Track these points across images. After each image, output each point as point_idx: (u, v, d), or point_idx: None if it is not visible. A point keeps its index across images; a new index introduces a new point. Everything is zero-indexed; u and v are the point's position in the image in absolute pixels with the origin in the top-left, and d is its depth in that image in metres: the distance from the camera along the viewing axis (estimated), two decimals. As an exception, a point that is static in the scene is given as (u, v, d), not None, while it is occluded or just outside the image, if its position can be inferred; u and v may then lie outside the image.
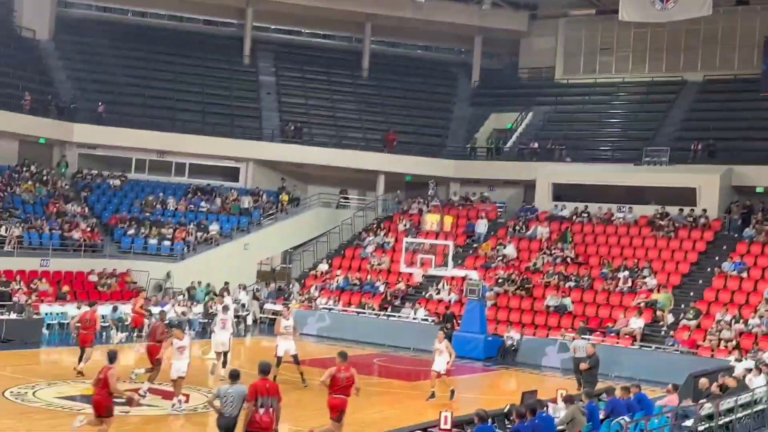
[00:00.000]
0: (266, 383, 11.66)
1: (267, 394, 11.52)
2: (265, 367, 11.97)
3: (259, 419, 11.37)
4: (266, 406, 11.44)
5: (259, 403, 11.40)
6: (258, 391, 11.47)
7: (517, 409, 12.91)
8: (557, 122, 41.51)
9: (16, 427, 14.58)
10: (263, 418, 11.40)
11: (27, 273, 30.05)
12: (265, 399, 11.46)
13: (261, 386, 11.55)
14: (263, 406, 11.40)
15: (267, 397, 11.50)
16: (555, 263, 32.25)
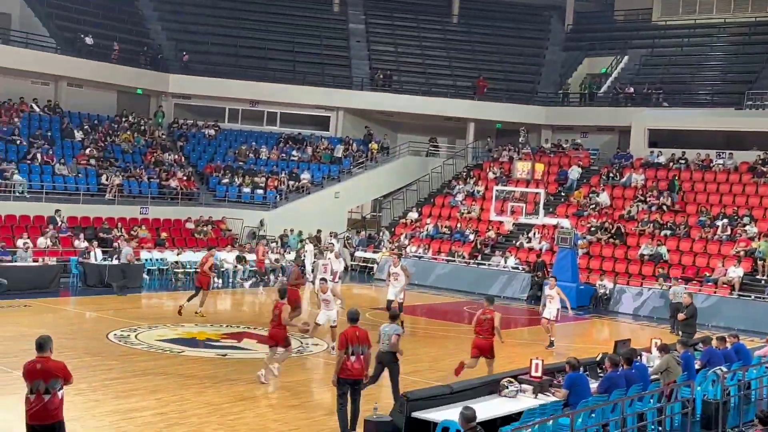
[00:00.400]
0: (356, 331, 11.81)
1: (357, 342, 11.68)
2: (354, 315, 12.11)
3: (350, 366, 11.56)
4: (357, 353, 11.62)
5: (350, 351, 11.57)
6: (349, 340, 11.65)
7: (610, 357, 12.74)
8: (654, 66, 40.16)
9: (120, 368, 15.17)
10: (354, 365, 11.58)
11: (127, 220, 31.07)
12: (356, 347, 11.63)
13: (351, 334, 11.72)
14: (354, 354, 11.56)
15: (357, 344, 11.66)
16: (650, 211, 31.52)
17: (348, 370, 11.59)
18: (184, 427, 11.84)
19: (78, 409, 11.91)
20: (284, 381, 15.24)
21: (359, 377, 11.72)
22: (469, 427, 8.83)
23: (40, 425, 8.68)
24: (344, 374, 11.60)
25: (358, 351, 11.66)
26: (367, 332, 12.05)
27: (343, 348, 11.64)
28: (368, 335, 12.01)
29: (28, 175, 30.02)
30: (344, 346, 11.63)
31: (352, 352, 11.61)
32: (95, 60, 35.45)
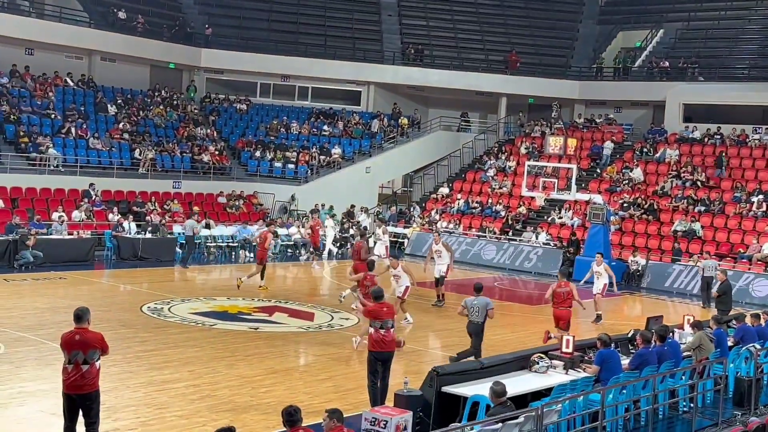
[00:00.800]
0: (383, 307, 12.06)
1: (387, 317, 11.91)
2: (378, 293, 12.35)
3: (381, 338, 11.71)
4: (386, 327, 11.85)
5: (378, 325, 11.74)
6: (377, 315, 11.88)
7: (642, 334, 12.66)
8: (690, 40, 39.54)
9: (154, 340, 15.37)
10: (385, 337, 11.72)
11: (160, 194, 31.31)
12: (385, 321, 11.85)
13: (379, 310, 11.93)
14: (383, 328, 11.73)
15: (387, 319, 11.90)
16: (684, 187, 31.17)
17: (380, 342, 11.69)
18: (216, 399, 11.98)
19: (113, 380, 12.10)
20: (315, 354, 15.36)
21: (390, 350, 11.85)
22: (500, 402, 8.86)
23: (78, 394, 8.85)
24: (376, 347, 11.73)
25: (388, 325, 11.82)
26: (393, 306, 12.50)
27: (375, 319, 11.85)
28: (394, 308, 12.43)
29: (62, 149, 30.35)
30: (375, 319, 11.86)
31: (381, 326, 11.75)
32: (128, 34, 35.62)
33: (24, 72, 33.15)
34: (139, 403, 11.53)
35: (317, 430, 8.13)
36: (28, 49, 33.91)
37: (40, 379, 12.25)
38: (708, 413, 12.43)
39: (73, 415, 8.96)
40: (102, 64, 36.27)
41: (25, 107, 31.44)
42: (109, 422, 10.32)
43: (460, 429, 8.34)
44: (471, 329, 14.60)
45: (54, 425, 9.81)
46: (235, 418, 10.91)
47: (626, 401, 11.22)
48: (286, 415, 7.56)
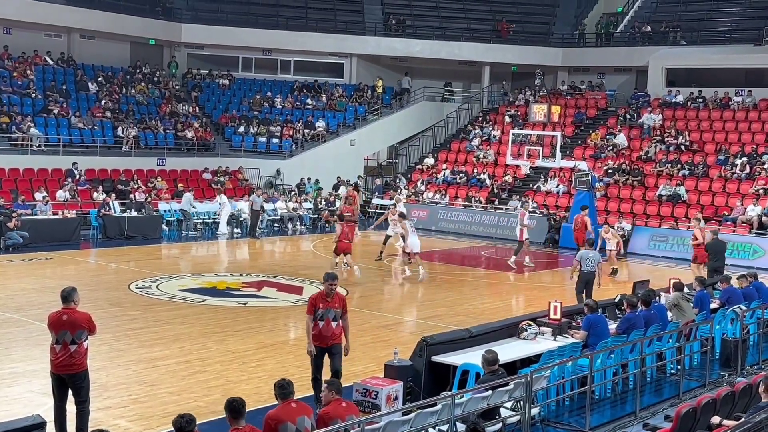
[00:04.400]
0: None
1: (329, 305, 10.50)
2: (328, 275, 10.60)
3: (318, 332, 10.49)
4: (327, 318, 10.44)
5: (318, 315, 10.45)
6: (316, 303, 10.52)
7: (628, 299, 12.78)
8: (671, 3, 39.42)
9: (143, 318, 15.38)
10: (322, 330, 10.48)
11: (144, 172, 31.17)
12: (326, 311, 10.45)
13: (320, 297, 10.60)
14: (323, 318, 10.42)
15: (329, 308, 10.49)
16: (668, 151, 31.28)
17: (317, 336, 10.42)
18: (207, 374, 12.02)
19: (103, 359, 12.11)
20: (304, 328, 15.38)
21: (327, 345, 10.46)
22: (491, 370, 8.93)
23: (66, 374, 8.87)
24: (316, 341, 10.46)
25: (329, 315, 10.42)
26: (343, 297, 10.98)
27: (311, 313, 10.47)
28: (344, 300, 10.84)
29: (44, 129, 30.11)
30: (312, 311, 10.46)
31: (321, 316, 10.42)
32: (107, 11, 35.21)
33: (3, 52, 32.78)
34: (129, 381, 11.55)
35: (308, 402, 8.17)
36: (6, 28, 33.52)
37: (29, 360, 12.24)
38: (695, 375, 12.58)
39: (63, 395, 8.99)
40: (81, 42, 35.90)
41: (5, 87, 31.13)
42: (101, 400, 10.35)
43: (451, 397, 8.41)
44: (583, 278, 16.31)
45: (44, 405, 9.82)
46: (227, 392, 10.88)
47: (614, 365, 11.34)
48: (278, 388, 7.59)
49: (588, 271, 16.32)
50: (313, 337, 10.44)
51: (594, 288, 16.52)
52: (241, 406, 6.96)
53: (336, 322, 10.45)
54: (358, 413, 8.10)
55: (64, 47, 35.41)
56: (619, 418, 10.74)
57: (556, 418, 10.39)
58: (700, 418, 8.42)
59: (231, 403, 6.99)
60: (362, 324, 15.56)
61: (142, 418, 10.15)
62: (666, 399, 11.62)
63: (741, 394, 9.17)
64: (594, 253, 16.82)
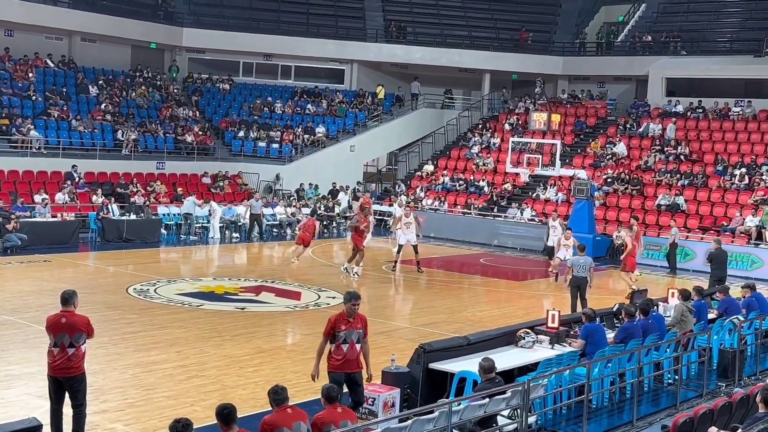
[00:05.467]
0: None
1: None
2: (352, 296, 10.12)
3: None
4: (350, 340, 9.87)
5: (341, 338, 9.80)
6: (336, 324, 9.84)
7: (626, 308, 12.78)
8: (672, 14, 39.53)
9: (140, 322, 15.35)
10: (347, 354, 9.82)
11: (144, 175, 31.14)
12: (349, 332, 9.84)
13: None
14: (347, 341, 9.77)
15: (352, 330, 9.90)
16: (667, 161, 31.31)
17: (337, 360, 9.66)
18: (203, 379, 12.00)
19: (100, 362, 12.08)
20: (302, 333, 15.40)
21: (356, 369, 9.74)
22: (488, 378, 8.92)
23: (64, 377, 8.85)
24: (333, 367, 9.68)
25: (352, 337, 9.72)
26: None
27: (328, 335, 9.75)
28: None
29: (44, 131, 30.11)
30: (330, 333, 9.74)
31: (344, 339, 9.68)
32: (108, 14, 35.24)
33: (4, 54, 32.80)
34: (126, 385, 11.53)
35: (304, 408, 8.16)
36: (8, 30, 33.54)
37: (26, 362, 12.22)
38: (692, 385, 12.57)
39: (60, 398, 8.96)
40: (82, 45, 35.94)
41: (5, 89, 31.14)
42: (97, 404, 10.33)
43: (448, 405, 8.40)
44: (573, 282, 16.97)
45: (41, 408, 9.80)
46: (223, 397, 10.91)
47: (612, 374, 11.34)
48: (272, 394, 7.58)
49: (579, 276, 16.96)
50: (337, 363, 9.58)
51: (587, 291, 16.97)
52: (232, 413, 6.90)
53: (359, 345, 9.75)
54: (355, 419, 8.08)
55: (65, 50, 35.44)
56: (616, 428, 10.74)
57: (553, 427, 10.37)
58: (697, 428, 8.42)
59: (222, 410, 6.94)
60: (360, 330, 15.55)
61: (138, 422, 10.13)
62: (663, 409, 11.60)
63: (738, 404, 9.17)
64: (585, 259, 17.40)
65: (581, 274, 16.98)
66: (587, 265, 17.21)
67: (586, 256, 17.74)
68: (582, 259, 17.30)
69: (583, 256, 17.55)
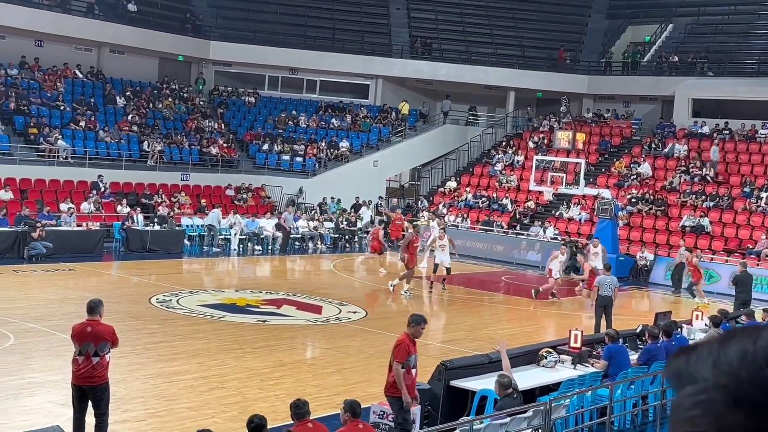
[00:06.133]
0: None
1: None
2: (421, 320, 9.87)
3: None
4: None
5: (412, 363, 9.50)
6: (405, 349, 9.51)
7: (650, 329, 12.69)
8: (699, 34, 39.39)
9: (162, 332, 15.42)
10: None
11: (168, 186, 31.35)
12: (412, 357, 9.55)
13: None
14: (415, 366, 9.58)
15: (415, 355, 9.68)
16: (693, 182, 31.11)
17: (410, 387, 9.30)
18: (224, 390, 12.02)
19: (122, 372, 12.13)
20: (323, 347, 15.40)
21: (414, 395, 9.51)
22: (506, 394, 8.87)
23: (88, 386, 8.90)
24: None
25: (415, 362, 9.48)
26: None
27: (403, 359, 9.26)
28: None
29: (71, 141, 30.41)
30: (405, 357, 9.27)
31: (413, 363, 9.37)
32: (137, 26, 35.66)
33: (33, 63, 33.23)
34: (148, 395, 11.58)
35: (325, 422, 8.16)
36: (38, 40, 33.99)
37: (49, 370, 12.30)
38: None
39: (83, 406, 9.01)
40: (111, 56, 36.33)
41: (34, 99, 31.52)
42: (119, 413, 10.37)
43: (469, 423, 8.36)
44: (600, 302, 16.96)
45: (63, 416, 9.85)
46: (244, 409, 10.92)
47: (634, 396, 11.25)
48: (294, 408, 7.59)
49: (605, 295, 16.96)
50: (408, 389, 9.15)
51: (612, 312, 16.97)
52: (258, 427, 6.97)
53: (415, 369, 9.44)
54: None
55: (94, 61, 35.84)
56: (638, 450, 10.65)
57: (574, 448, 10.30)
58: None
59: (249, 422, 7.02)
60: (381, 346, 15.52)
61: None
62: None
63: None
64: (611, 278, 17.53)
65: (607, 294, 17.03)
66: (613, 284, 17.34)
67: (611, 275, 17.83)
68: (608, 279, 17.40)
69: (609, 276, 17.69)
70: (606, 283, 17.17)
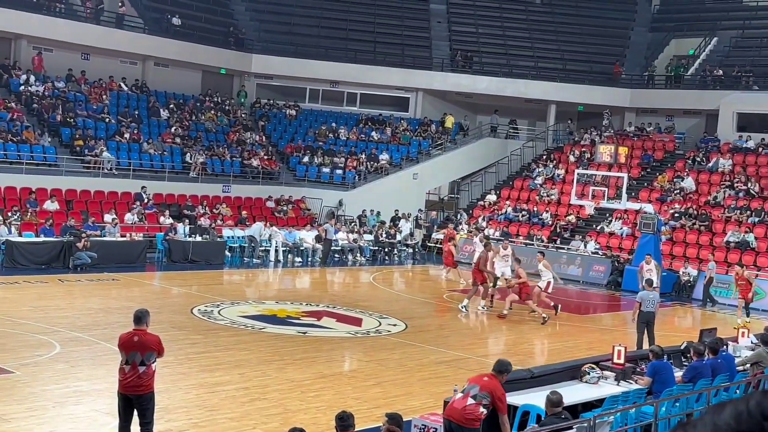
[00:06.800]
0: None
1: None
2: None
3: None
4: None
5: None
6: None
7: (695, 346, 12.50)
8: (744, 48, 38.89)
9: (204, 342, 15.55)
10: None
11: (210, 198, 31.67)
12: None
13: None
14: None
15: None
16: (737, 197, 30.66)
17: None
18: (266, 402, 12.08)
19: (165, 382, 12.22)
20: (363, 360, 15.41)
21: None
22: (554, 412, 8.80)
23: (134, 395, 9.00)
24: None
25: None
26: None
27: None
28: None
29: (116, 153, 30.86)
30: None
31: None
32: (181, 40, 36.15)
33: (80, 77, 33.82)
34: (191, 405, 11.68)
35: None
36: (85, 54, 34.59)
37: (94, 379, 12.46)
38: (763, 428, 12.19)
39: (128, 415, 9.11)
40: (155, 70, 36.84)
41: (80, 111, 32.06)
42: (163, 423, 10.46)
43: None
44: (642, 318, 16.80)
45: (108, 425, 9.99)
46: (285, 421, 10.98)
47: (679, 414, 11.06)
48: (339, 420, 7.62)
49: (647, 311, 16.80)
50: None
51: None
52: (348, 418, 7.46)
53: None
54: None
55: (139, 74, 36.39)
56: (683, 469, 10.46)
57: (617, 466, 10.16)
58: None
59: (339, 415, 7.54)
60: (421, 359, 15.53)
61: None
62: (732, 452, 11.28)
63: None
64: (654, 294, 17.44)
65: (650, 309, 16.86)
66: (656, 300, 17.24)
67: (654, 291, 17.67)
68: (651, 294, 17.21)
69: (652, 291, 17.52)
70: (648, 299, 16.96)
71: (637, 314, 17.07)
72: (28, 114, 30.76)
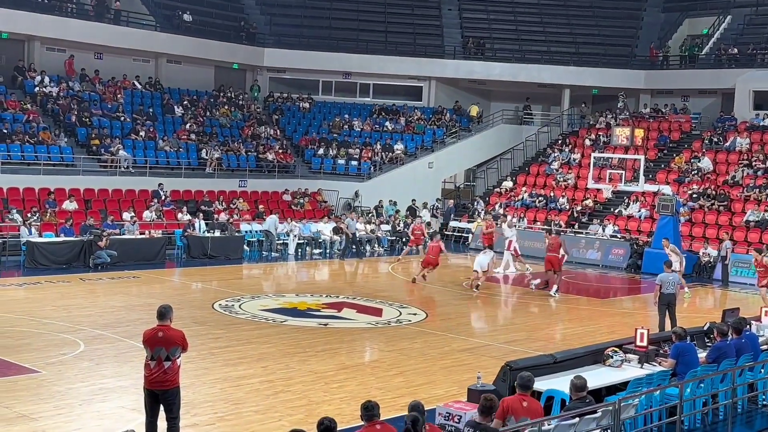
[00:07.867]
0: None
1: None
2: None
3: None
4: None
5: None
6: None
7: (718, 327, 12.44)
8: (759, 25, 38.50)
9: (226, 337, 15.62)
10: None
11: (227, 193, 31.76)
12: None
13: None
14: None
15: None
16: (756, 176, 30.43)
17: None
18: (290, 394, 12.14)
19: (189, 377, 12.31)
20: (384, 350, 15.44)
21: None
22: (579, 397, 8.79)
23: (160, 390, 9.07)
24: None
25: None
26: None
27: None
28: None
29: (132, 151, 30.99)
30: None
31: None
32: (193, 36, 36.20)
33: (94, 76, 33.95)
34: (215, 399, 11.75)
35: (393, 423, 8.18)
36: (98, 53, 34.71)
37: (119, 376, 12.56)
38: (789, 407, 12.17)
39: (155, 411, 9.18)
40: (168, 67, 36.93)
41: (95, 110, 32.20)
42: (188, 417, 10.54)
43: (537, 424, 8.30)
44: (663, 300, 16.75)
45: (135, 420, 10.06)
46: (310, 413, 11.03)
47: (704, 395, 11.04)
48: (364, 410, 7.65)
49: (668, 293, 16.82)
50: None
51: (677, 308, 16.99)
52: (334, 427, 7.30)
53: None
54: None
55: (152, 71, 36.49)
56: (710, 450, 10.46)
57: (643, 448, 10.16)
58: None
59: (319, 424, 7.31)
60: (443, 347, 15.55)
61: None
62: (758, 431, 11.25)
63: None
64: (674, 275, 17.51)
65: (670, 291, 16.84)
66: (676, 281, 17.24)
67: (673, 272, 17.62)
68: (671, 276, 17.15)
69: (672, 273, 17.44)
70: (668, 281, 16.88)
71: (658, 297, 17.01)
72: (43, 115, 30.94)
